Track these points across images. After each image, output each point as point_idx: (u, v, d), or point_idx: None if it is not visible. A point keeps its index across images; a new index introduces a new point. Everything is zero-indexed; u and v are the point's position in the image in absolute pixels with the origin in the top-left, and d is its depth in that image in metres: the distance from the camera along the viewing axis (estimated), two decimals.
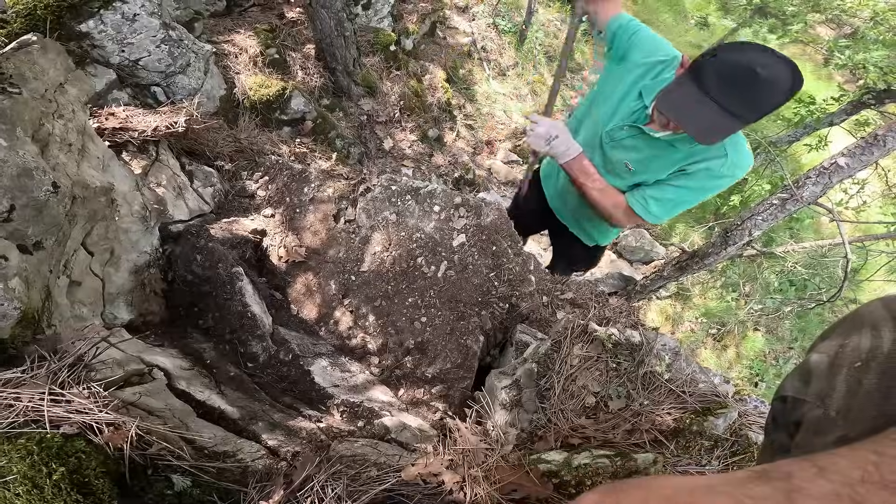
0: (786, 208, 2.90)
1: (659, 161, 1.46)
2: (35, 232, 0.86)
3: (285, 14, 3.40)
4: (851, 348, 0.51)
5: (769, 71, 1.08)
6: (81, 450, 0.70)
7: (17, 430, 0.68)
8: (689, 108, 1.16)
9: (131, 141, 1.65)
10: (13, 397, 0.71)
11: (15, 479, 0.61)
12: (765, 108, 1.13)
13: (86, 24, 1.87)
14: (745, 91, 1.10)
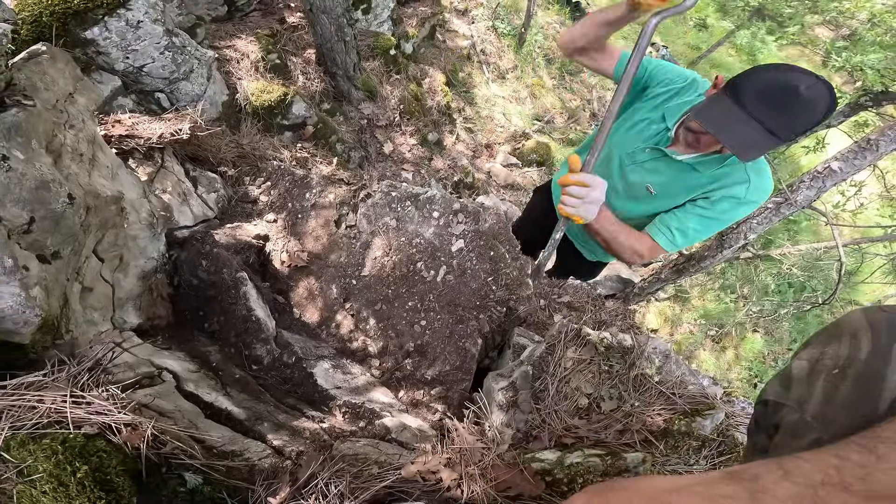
0: (780, 212, 2.95)
1: (681, 184, 1.45)
2: (53, 242, 0.90)
3: (286, 19, 3.44)
4: (830, 356, 0.53)
5: (811, 92, 1.10)
6: (102, 449, 0.74)
7: (41, 431, 0.72)
8: (728, 123, 1.16)
9: (137, 148, 1.69)
10: (36, 399, 0.75)
11: (41, 477, 0.65)
12: (803, 127, 1.13)
13: (91, 31, 1.90)
14: (786, 110, 1.12)
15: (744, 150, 1.16)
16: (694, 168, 1.41)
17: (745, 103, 1.14)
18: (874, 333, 0.50)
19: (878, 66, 5.08)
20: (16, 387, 0.79)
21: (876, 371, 0.47)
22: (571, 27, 1.54)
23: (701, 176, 1.41)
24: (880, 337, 0.49)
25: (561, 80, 6.45)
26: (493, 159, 4.73)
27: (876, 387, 0.46)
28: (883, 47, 5.35)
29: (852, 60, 5.29)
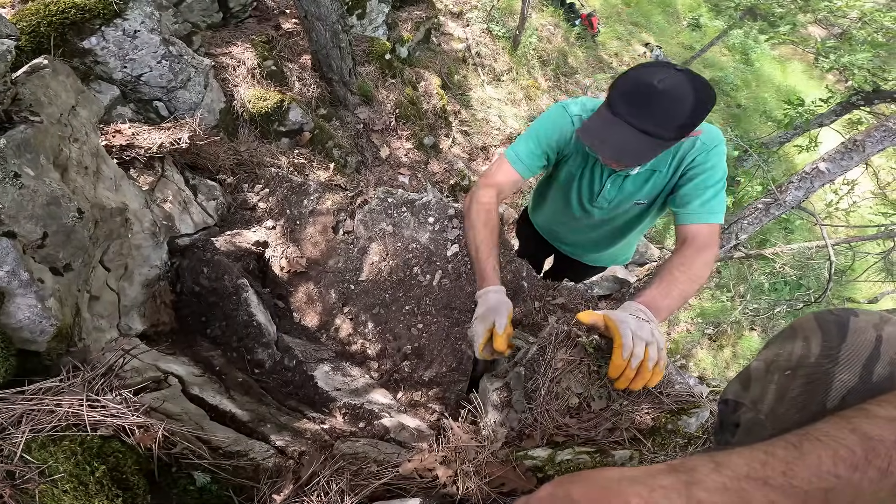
0: (770, 213, 3.01)
1: (656, 182, 1.44)
2: (65, 255, 0.94)
3: (281, 25, 3.48)
4: (784, 357, 0.56)
5: (666, 83, 1.08)
6: (118, 450, 0.79)
7: (60, 434, 0.76)
8: (603, 131, 1.14)
9: (138, 158, 1.73)
10: (54, 404, 0.80)
11: (62, 477, 0.69)
12: (679, 119, 1.10)
13: (88, 40, 1.92)
14: (648, 106, 1.10)
15: (623, 157, 1.15)
16: (652, 170, 1.42)
17: (614, 109, 1.12)
18: (824, 335, 0.53)
19: (868, 65, 5.13)
20: (34, 392, 0.83)
21: (824, 371, 0.50)
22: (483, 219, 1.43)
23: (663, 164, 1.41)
24: (830, 339, 0.52)
25: (556, 81, 6.51)
26: (489, 162, 4.78)
27: (824, 386, 0.49)
28: (873, 46, 5.40)
29: (841, 60, 5.34)
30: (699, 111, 1.11)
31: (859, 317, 0.53)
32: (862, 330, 0.51)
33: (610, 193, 1.49)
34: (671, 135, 1.12)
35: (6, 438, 0.72)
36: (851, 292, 6.54)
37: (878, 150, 2.74)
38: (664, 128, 1.11)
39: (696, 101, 1.10)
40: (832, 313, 0.55)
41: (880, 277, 5.36)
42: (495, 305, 1.34)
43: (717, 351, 5.95)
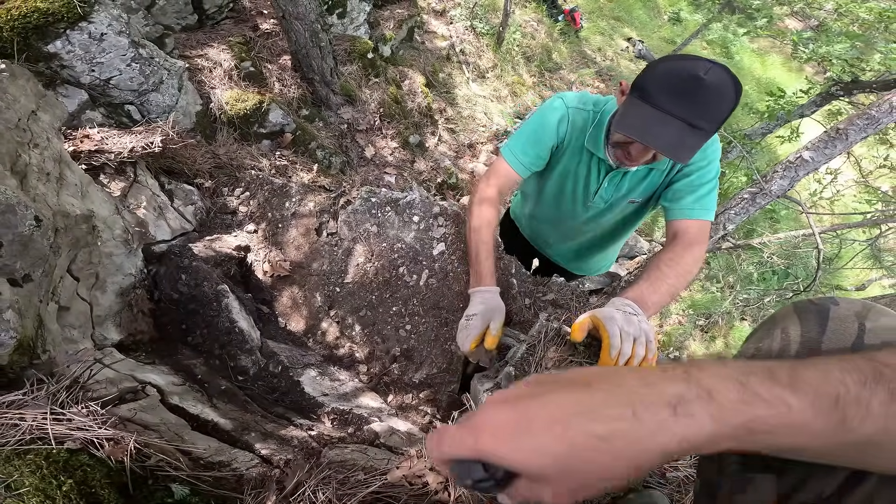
0: (756, 202, 3.02)
1: (650, 182, 1.42)
2: (23, 265, 0.89)
3: (259, 26, 3.42)
4: (765, 350, 0.54)
5: (712, 75, 1.06)
6: (86, 463, 0.76)
7: (24, 447, 0.73)
8: (648, 126, 1.11)
9: (108, 163, 1.67)
10: (17, 417, 0.77)
11: (28, 491, 0.66)
12: (724, 114, 1.09)
13: (53, 44, 1.86)
14: (698, 99, 1.08)
15: (676, 152, 1.11)
16: (649, 168, 1.39)
17: (655, 102, 1.10)
18: (804, 326, 0.51)
19: (845, 56, 5.19)
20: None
21: None
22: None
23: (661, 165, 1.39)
24: (810, 329, 0.50)
25: (541, 77, 6.50)
26: (476, 159, 4.76)
27: None
28: (850, 37, 5.48)
29: (819, 51, 5.40)
30: (734, 105, 1.10)
31: (840, 305, 0.50)
32: (843, 318, 0.49)
33: (607, 192, 1.46)
34: (715, 128, 1.10)
35: None
36: (839, 280, 6.63)
37: (861, 137, 2.76)
38: (712, 122, 1.09)
39: (735, 94, 1.09)
40: (812, 303, 0.52)
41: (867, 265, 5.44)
42: (494, 306, 1.35)
43: (710, 342, 6.00)
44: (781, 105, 5.49)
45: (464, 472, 0.41)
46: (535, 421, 0.37)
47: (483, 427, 0.39)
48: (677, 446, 0.35)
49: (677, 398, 0.34)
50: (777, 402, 0.34)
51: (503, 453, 0.37)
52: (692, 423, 0.34)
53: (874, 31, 5.71)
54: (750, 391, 0.34)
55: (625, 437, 0.35)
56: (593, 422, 0.35)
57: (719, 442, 0.35)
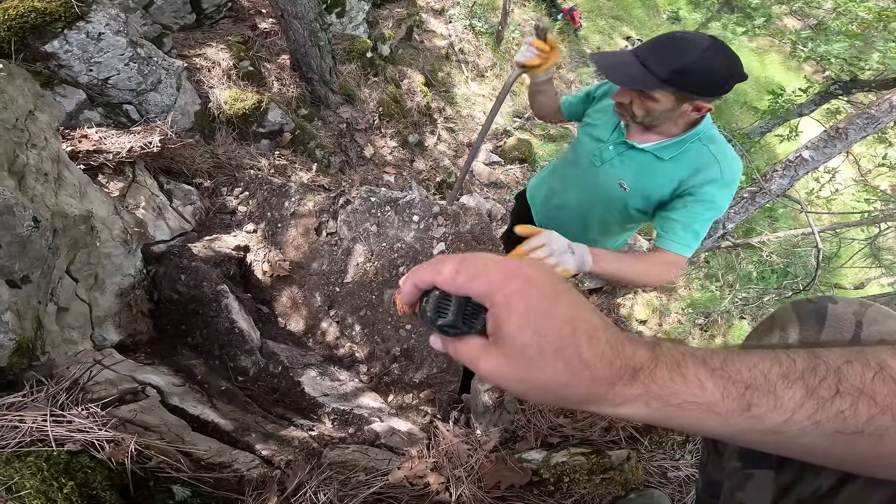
0: (755, 201, 3.02)
1: (652, 176, 1.45)
2: (21, 267, 0.89)
3: (257, 25, 3.41)
4: None
5: (689, 36, 1.18)
6: (87, 465, 0.75)
7: (25, 449, 0.73)
8: (617, 64, 1.27)
9: (106, 163, 1.66)
10: (17, 419, 0.76)
11: (29, 493, 0.66)
12: (671, 63, 1.19)
13: (50, 44, 1.85)
14: (658, 47, 1.21)
15: (608, 70, 1.26)
16: (656, 156, 1.43)
17: (636, 51, 1.24)
18: (802, 324, 0.51)
19: (844, 55, 5.19)
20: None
21: None
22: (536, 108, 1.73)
23: (671, 167, 1.42)
24: (808, 328, 0.51)
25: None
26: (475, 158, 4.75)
27: None
28: (848, 36, 5.48)
29: (818, 50, 5.39)
30: (701, 69, 1.17)
31: (838, 304, 0.51)
32: (840, 317, 0.50)
33: (608, 153, 1.53)
34: (663, 74, 1.18)
35: None
36: (838, 278, 6.64)
37: (860, 136, 2.76)
38: (659, 65, 1.19)
39: (703, 58, 1.16)
40: (810, 301, 0.53)
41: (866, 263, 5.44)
42: None
43: (709, 341, 6.00)
44: (781, 104, 5.48)
45: (442, 308, 0.41)
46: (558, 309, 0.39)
47: (520, 274, 0.40)
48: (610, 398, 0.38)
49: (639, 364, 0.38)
50: (695, 383, 0.37)
51: (520, 307, 0.38)
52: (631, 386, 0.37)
53: (873, 30, 5.70)
54: (679, 371, 0.37)
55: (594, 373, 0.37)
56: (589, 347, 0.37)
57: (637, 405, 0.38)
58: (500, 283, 0.39)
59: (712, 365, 0.38)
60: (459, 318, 0.41)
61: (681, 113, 1.30)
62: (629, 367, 0.38)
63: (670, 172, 1.42)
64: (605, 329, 0.39)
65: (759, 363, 0.38)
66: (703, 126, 1.37)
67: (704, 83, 1.20)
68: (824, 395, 0.36)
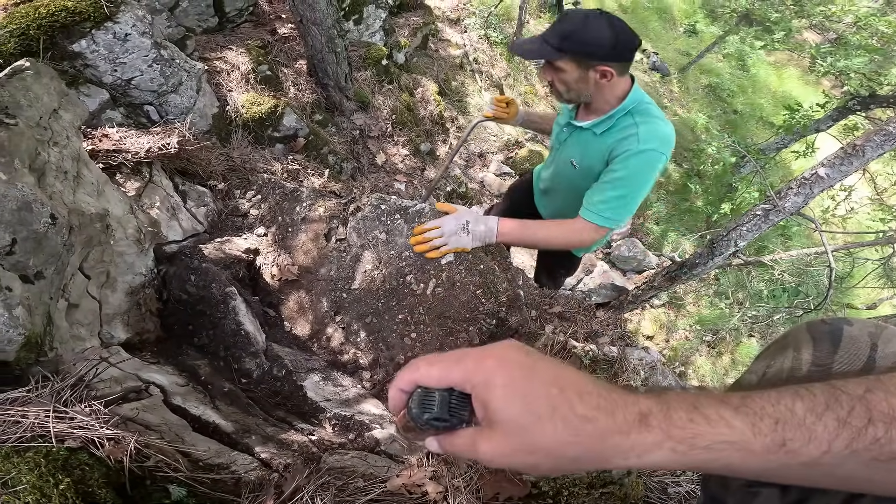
0: (769, 219, 2.98)
1: (591, 152, 1.59)
2: (36, 263, 0.91)
3: (277, 30, 3.47)
4: (776, 369, 0.54)
5: (577, 10, 1.43)
6: (85, 462, 0.76)
7: (24, 445, 0.74)
8: (525, 43, 1.49)
9: (125, 163, 1.70)
10: (20, 414, 0.77)
11: (25, 488, 0.67)
12: (559, 31, 1.38)
13: (78, 44, 1.89)
14: (556, 24, 1.41)
15: (523, 52, 1.47)
16: (594, 133, 1.57)
17: (543, 33, 1.44)
18: (816, 345, 0.51)
19: (863, 70, 5.12)
20: (0, 402, 0.81)
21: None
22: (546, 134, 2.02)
23: (603, 141, 1.54)
24: (822, 349, 0.51)
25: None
26: (486, 168, 4.76)
27: None
28: (868, 51, 5.41)
29: (837, 65, 5.33)
30: (584, 31, 1.36)
31: (853, 326, 0.51)
32: (855, 339, 0.50)
33: (563, 135, 1.73)
34: (554, 41, 1.40)
35: None
36: (850, 298, 6.53)
37: (878, 154, 2.72)
38: (552, 36, 1.40)
39: (584, 23, 1.35)
40: (825, 323, 0.53)
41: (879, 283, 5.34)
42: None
43: (716, 358, 5.93)
44: (798, 119, 5.42)
45: (427, 403, 0.42)
46: (540, 373, 0.40)
47: (492, 354, 0.42)
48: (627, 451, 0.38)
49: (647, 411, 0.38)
50: (719, 422, 0.37)
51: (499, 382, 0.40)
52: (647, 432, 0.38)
53: (893, 44, 5.62)
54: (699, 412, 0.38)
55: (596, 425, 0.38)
56: (582, 402, 0.39)
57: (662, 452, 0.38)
58: (475, 367, 0.41)
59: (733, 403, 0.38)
60: (445, 409, 0.41)
61: (593, 82, 1.45)
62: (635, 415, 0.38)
63: (603, 146, 1.55)
64: (594, 384, 0.40)
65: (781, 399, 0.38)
66: (630, 100, 1.50)
67: (592, 45, 1.36)
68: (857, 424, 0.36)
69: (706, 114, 7.61)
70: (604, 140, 1.53)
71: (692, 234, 6.28)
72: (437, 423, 0.41)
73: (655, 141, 1.44)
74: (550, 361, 0.42)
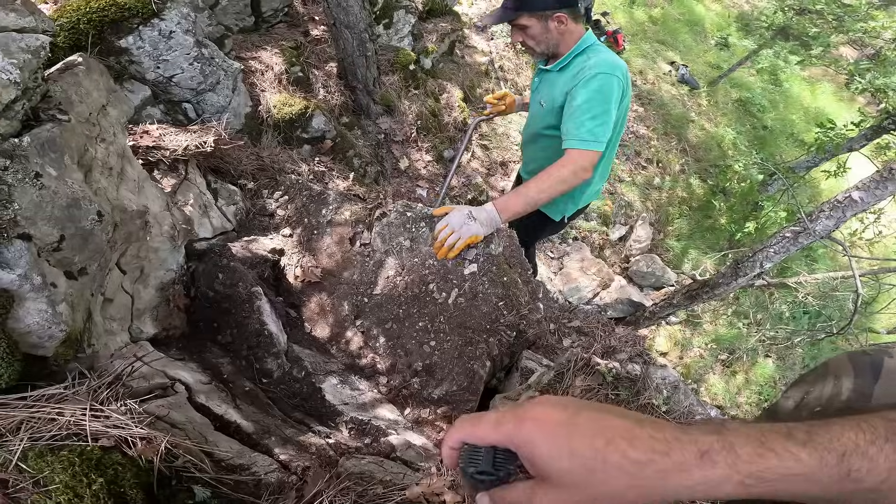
0: (798, 241, 2.91)
1: (554, 89, 1.79)
2: (81, 259, 0.93)
3: (310, 32, 3.52)
4: (815, 395, 0.56)
5: None
6: (118, 462, 0.76)
7: (59, 443, 0.74)
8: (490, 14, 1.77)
9: (163, 160, 1.74)
10: (56, 412, 0.78)
11: (57, 488, 0.67)
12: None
13: (125, 39, 1.93)
14: None
15: (488, 20, 1.76)
16: (556, 72, 1.80)
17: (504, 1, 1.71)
18: (857, 374, 0.53)
19: None
20: (36, 399, 0.81)
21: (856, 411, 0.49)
22: None
23: (561, 77, 1.76)
24: (863, 378, 0.52)
25: None
26: (507, 177, 4.74)
27: None
28: None
29: (876, 82, 5.18)
30: None
31: (893, 358, 0.53)
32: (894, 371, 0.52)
33: (535, 82, 1.98)
34: (510, 4, 1.67)
35: (3, 446, 0.70)
36: (871, 322, 6.34)
37: None
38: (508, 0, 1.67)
39: None
40: (866, 353, 0.55)
41: None
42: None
43: (730, 377, 5.81)
44: (831, 137, 5.27)
45: (474, 459, 0.43)
46: (582, 427, 0.41)
47: (531, 416, 0.42)
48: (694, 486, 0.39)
49: (707, 447, 0.39)
50: (788, 456, 0.39)
51: (540, 444, 0.41)
52: (712, 468, 0.39)
53: None
54: (766, 447, 0.40)
55: (654, 467, 0.39)
56: (633, 447, 0.39)
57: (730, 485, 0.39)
58: (515, 431, 0.42)
59: (800, 438, 0.40)
60: (490, 463, 0.43)
61: (554, 30, 1.69)
62: (694, 453, 0.39)
63: (562, 82, 1.76)
64: (642, 425, 0.41)
65: (844, 431, 0.40)
66: (582, 42, 1.74)
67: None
68: None
69: (734, 129, 7.46)
70: (562, 76, 1.76)
71: (714, 252, 6.16)
72: (483, 476, 0.43)
73: (606, 66, 1.64)
74: (590, 411, 0.43)
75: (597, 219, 5.71)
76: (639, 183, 6.34)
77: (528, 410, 0.43)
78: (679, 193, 6.61)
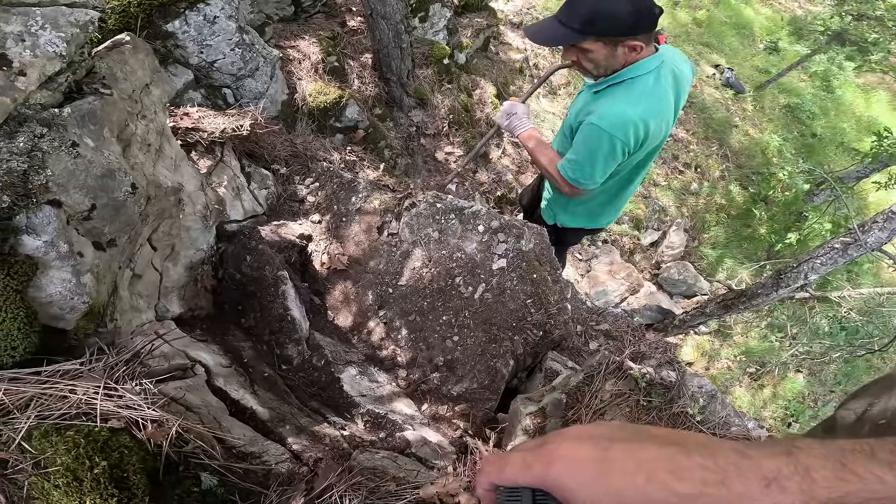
0: (848, 253, 2.74)
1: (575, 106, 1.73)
2: (111, 230, 0.93)
3: (347, 22, 3.53)
4: (879, 408, 0.54)
5: None
6: (125, 445, 0.74)
7: (67, 422, 0.71)
8: (541, 27, 1.48)
9: (201, 141, 1.76)
10: (69, 389, 0.75)
11: (57, 471, 0.64)
12: (578, 13, 1.36)
13: (172, 23, 1.97)
14: (571, 5, 1.39)
15: (535, 35, 1.48)
16: (594, 92, 1.61)
17: (557, 14, 1.42)
18: None
19: None
20: (50, 374, 0.79)
21: None
22: None
23: (591, 100, 1.60)
24: None
25: None
26: None
27: None
28: None
29: None
30: (604, 12, 1.34)
31: None
32: None
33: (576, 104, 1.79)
34: (575, 24, 1.38)
35: (8, 423, 0.67)
36: None
37: None
38: (571, 19, 1.38)
39: (602, 4, 1.33)
40: None
41: None
42: None
43: (757, 390, 5.59)
44: (885, 147, 4.97)
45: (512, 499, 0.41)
46: (618, 463, 0.37)
47: (559, 456, 0.39)
48: None
49: (775, 472, 0.35)
50: (872, 479, 0.36)
51: (573, 487, 0.38)
52: (782, 496, 0.35)
53: None
54: (847, 470, 0.36)
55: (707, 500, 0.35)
56: (679, 480, 0.35)
57: None
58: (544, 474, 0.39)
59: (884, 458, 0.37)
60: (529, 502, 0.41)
61: (622, 56, 1.45)
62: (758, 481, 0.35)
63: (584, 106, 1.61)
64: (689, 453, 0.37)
65: None
66: (631, 70, 1.48)
67: (615, 23, 1.35)
68: None
69: (781, 136, 7.12)
70: (593, 100, 1.60)
71: (751, 262, 5.90)
72: None
73: (607, 121, 1.48)
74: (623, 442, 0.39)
75: (628, 222, 5.55)
76: (675, 188, 6.13)
77: (556, 449, 0.40)
78: (717, 200, 6.36)
